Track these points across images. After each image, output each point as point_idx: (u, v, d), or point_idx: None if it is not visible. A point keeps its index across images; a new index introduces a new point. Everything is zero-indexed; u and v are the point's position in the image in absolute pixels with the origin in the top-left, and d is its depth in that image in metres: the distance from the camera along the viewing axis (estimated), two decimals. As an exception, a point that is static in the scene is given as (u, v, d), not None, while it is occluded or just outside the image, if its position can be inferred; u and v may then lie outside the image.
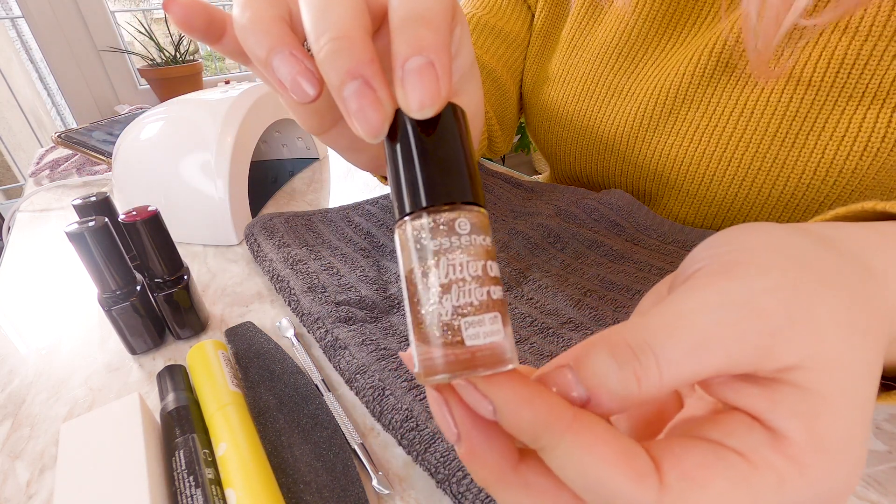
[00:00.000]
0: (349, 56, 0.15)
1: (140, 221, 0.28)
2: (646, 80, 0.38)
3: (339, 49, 0.15)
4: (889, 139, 0.28)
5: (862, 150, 0.29)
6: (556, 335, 0.30)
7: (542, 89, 0.47)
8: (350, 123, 0.15)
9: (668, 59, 0.37)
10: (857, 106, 0.29)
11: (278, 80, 0.16)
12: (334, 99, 0.15)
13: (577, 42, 0.43)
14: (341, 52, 0.15)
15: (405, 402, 0.24)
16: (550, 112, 0.46)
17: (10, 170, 1.10)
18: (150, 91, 1.08)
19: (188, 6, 0.18)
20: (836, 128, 0.30)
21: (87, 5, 0.99)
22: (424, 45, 0.14)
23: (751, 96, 0.33)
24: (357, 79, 0.14)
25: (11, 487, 0.23)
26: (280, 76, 0.16)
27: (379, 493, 0.22)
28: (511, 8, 0.48)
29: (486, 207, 0.14)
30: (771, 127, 0.32)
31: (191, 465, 0.21)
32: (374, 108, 0.14)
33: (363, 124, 0.14)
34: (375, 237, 0.40)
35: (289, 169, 0.61)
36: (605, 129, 0.42)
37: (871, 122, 0.28)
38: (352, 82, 0.14)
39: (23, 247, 0.47)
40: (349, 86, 0.14)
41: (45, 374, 0.30)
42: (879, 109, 0.28)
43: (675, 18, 0.37)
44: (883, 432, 0.24)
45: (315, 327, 0.30)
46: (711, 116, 0.35)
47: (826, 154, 0.30)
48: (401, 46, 0.14)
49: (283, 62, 0.16)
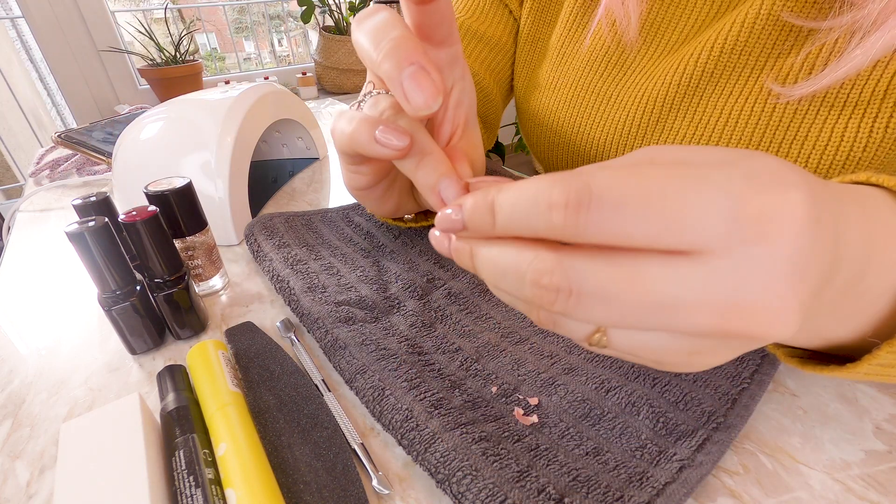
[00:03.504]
0: (405, 51, 0.20)
1: (140, 221, 0.28)
2: (634, 88, 0.39)
3: (396, 46, 0.20)
4: (870, 148, 0.28)
5: (844, 159, 0.29)
6: (556, 335, 0.30)
7: (533, 96, 0.47)
8: (406, 101, 0.20)
9: (656, 68, 0.37)
10: (838, 115, 0.29)
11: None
12: (391, 87, 0.21)
13: (566, 50, 0.43)
14: (398, 48, 0.20)
15: (405, 402, 0.24)
16: (541, 118, 0.47)
17: (10, 170, 1.10)
18: (150, 91, 1.08)
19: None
20: (818, 136, 0.30)
21: (87, 5, 0.99)
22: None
23: (735, 106, 0.33)
24: (413, 64, 0.20)
25: (11, 487, 0.23)
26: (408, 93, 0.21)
27: (379, 493, 0.22)
28: (494, 13, 0.49)
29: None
30: (755, 136, 0.32)
31: (191, 465, 0.21)
32: (429, 83, 0.20)
33: (419, 97, 0.20)
34: (375, 237, 0.40)
35: (289, 169, 0.61)
36: (595, 136, 0.42)
37: (852, 131, 0.29)
38: (409, 67, 0.20)
39: (23, 247, 0.47)
40: (407, 70, 0.20)
41: (45, 374, 0.30)
42: (861, 119, 0.28)
43: (664, 27, 0.37)
44: (883, 432, 0.24)
45: (315, 327, 0.30)
46: (698, 125, 0.35)
47: (810, 162, 0.30)
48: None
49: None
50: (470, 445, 0.22)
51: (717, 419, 0.23)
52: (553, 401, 0.25)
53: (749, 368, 0.26)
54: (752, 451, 0.23)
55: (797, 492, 0.22)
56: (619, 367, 0.27)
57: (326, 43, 1.11)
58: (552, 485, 0.20)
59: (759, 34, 0.31)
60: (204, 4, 1.40)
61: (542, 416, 0.25)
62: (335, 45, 1.10)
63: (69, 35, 1.00)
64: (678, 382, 0.25)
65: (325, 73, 1.15)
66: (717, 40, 0.33)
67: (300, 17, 1.11)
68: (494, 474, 0.20)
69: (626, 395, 0.25)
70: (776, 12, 0.30)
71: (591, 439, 0.23)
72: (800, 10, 0.29)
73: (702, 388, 0.25)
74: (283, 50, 1.90)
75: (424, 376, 0.26)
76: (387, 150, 0.22)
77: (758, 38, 0.31)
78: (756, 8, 0.30)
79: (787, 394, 0.26)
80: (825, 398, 0.26)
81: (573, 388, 0.26)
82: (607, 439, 0.23)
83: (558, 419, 0.24)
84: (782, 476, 0.22)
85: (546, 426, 0.24)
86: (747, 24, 0.31)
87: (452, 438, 0.22)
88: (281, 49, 1.88)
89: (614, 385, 0.25)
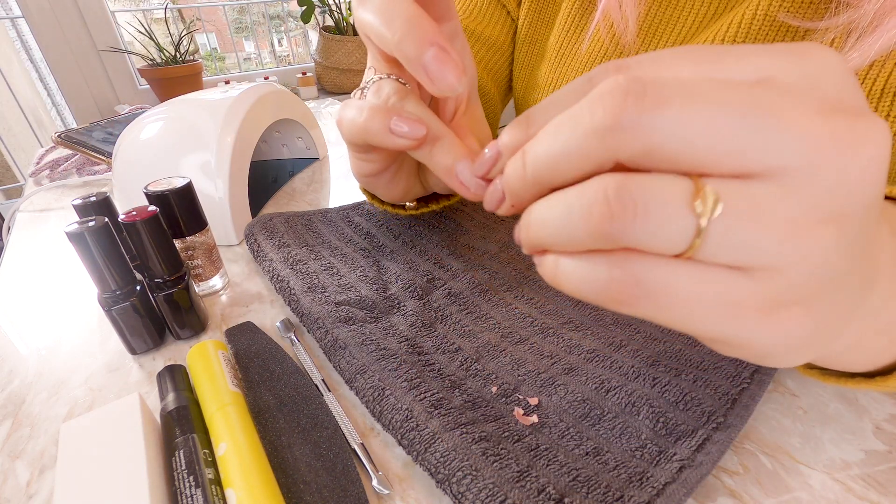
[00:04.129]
0: (422, 31, 0.19)
1: (140, 221, 0.28)
2: None
3: (413, 26, 0.19)
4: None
5: None
6: (556, 335, 0.30)
7: (532, 96, 0.48)
8: (429, 84, 0.19)
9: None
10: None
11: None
12: (412, 70, 0.20)
13: (564, 51, 0.44)
14: (415, 28, 0.19)
15: (405, 402, 0.24)
16: None
17: (10, 170, 1.10)
18: (150, 91, 1.08)
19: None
20: None
21: (87, 5, 0.99)
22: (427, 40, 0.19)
23: None
24: (433, 45, 0.19)
25: (11, 487, 0.23)
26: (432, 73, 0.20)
27: (379, 493, 0.22)
28: (491, 14, 0.49)
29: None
30: None
31: (191, 465, 0.21)
32: (453, 64, 0.19)
33: (444, 80, 0.19)
34: (375, 237, 0.40)
35: (289, 169, 0.61)
36: None
37: None
38: (430, 48, 0.19)
39: (23, 247, 0.47)
40: (428, 52, 0.19)
41: (45, 374, 0.30)
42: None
43: (662, 28, 0.37)
44: (883, 432, 0.24)
45: (315, 327, 0.30)
46: None
47: None
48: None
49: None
50: (470, 445, 0.22)
51: (717, 419, 0.23)
52: (553, 401, 0.25)
53: (749, 368, 0.26)
54: (752, 451, 0.23)
55: (797, 492, 0.22)
56: (619, 367, 0.27)
57: (326, 43, 1.11)
58: (552, 485, 0.20)
59: (755, 35, 0.31)
60: (204, 4, 1.40)
61: (542, 416, 0.25)
62: (335, 45, 1.10)
63: (69, 35, 1.00)
64: (678, 382, 0.25)
65: (325, 73, 1.15)
66: (714, 41, 0.33)
67: (300, 17, 1.11)
68: (494, 474, 0.20)
69: (626, 395, 0.25)
70: (773, 13, 0.30)
71: (591, 439, 0.23)
72: (796, 11, 0.29)
73: (702, 388, 0.25)
74: (283, 50, 1.90)
75: (424, 376, 0.26)
76: (403, 141, 0.22)
77: (755, 39, 0.31)
78: (753, 9, 0.31)
79: (787, 394, 0.26)
80: (825, 398, 0.26)
81: (573, 388, 0.26)
82: (607, 439, 0.23)
83: (558, 419, 0.24)
84: (782, 476, 0.22)
85: (546, 426, 0.24)
86: (744, 24, 0.31)
87: (452, 438, 0.22)
88: (281, 49, 1.88)
89: (614, 385, 0.25)
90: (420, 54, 0.19)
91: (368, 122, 0.23)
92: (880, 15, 0.25)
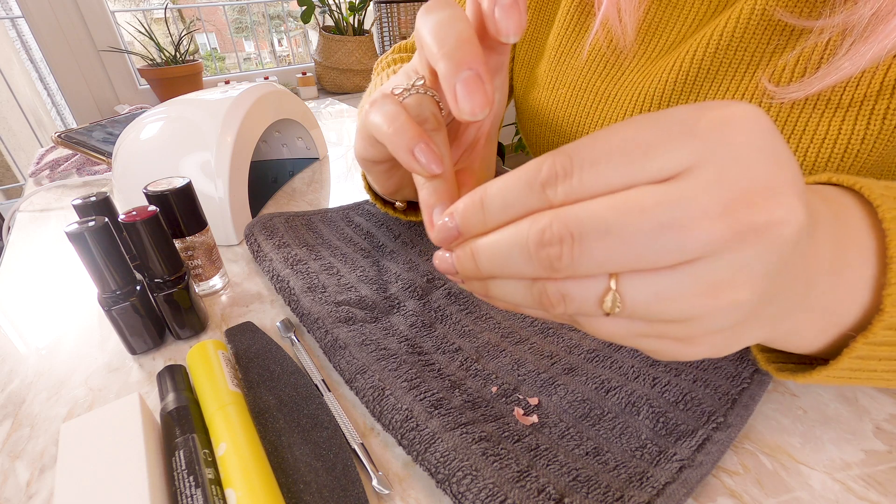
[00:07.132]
0: (467, 53, 0.20)
1: (140, 221, 0.28)
2: (632, 86, 0.39)
3: (458, 47, 0.20)
4: (867, 141, 0.29)
5: (842, 154, 0.30)
6: (556, 335, 0.30)
7: (531, 94, 0.48)
8: (454, 103, 0.20)
9: (653, 66, 0.38)
10: (833, 112, 0.30)
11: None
12: (444, 85, 0.20)
13: (564, 49, 0.44)
14: (459, 49, 0.20)
15: (405, 402, 0.24)
16: (540, 117, 0.47)
17: (10, 170, 1.10)
18: (150, 91, 1.08)
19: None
20: (815, 132, 0.30)
21: (87, 5, 0.99)
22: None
23: None
24: (471, 69, 0.20)
25: (11, 487, 0.23)
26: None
27: (379, 493, 0.22)
28: None
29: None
30: None
31: (191, 465, 0.21)
32: (482, 93, 0.19)
33: (468, 104, 0.20)
34: (375, 237, 0.40)
35: (289, 169, 0.61)
36: None
37: (849, 127, 0.29)
38: (466, 71, 0.20)
39: (23, 247, 0.47)
40: (464, 73, 0.20)
41: (45, 374, 0.30)
42: (857, 115, 0.29)
43: (661, 28, 0.37)
44: (883, 432, 0.24)
45: (315, 327, 0.30)
46: None
47: (808, 158, 0.31)
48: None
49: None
50: (470, 445, 0.22)
51: (717, 419, 0.23)
52: (553, 401, 0.25)
53: (749, 368, 0.26)
54: (752, 451, 0.23)
55: (797, 492, 0.22)
56: (619, 367, 0.27)
57: (326, 43, 1.11)
58: (552, 485, 0.20)
59: (753, 31, 0.31)
60: (204, 4, 1.40)
61: (542, 416, 0.25)
62: (335, 45, 1.10)
63: (69, 35, 1.00)
64: (678, 382, 0.25)
65: (325, 73, 1.15)
66: (712, 37, 0.33)
67: (300, 17, 1.11)
68: (494, 474, 0.20)
69: (626, 395, 0.25)
70: (770, 10, 0.30)
71: (591, 439, 0.23)
72: (793, 8, 0.29)
73: (702, 388, 0.25)
74: (283, 50, 1.90)
75: (424, 376, 0.26)
76: (416, 166, 0.22)
77: (752, 35, 0.31)
78: (751, 5, 0.31)
79: (787, 394, 0.26)
80: (825, 398, 0.26)
81: (573, 388, 0.26)
82: (607, 439, 0.23)
83: (558, 419, 0.24)
84: (782, 476, 0.22)
85: (546, 426, 0.24)
86: (742, 20, 0.31)
87: (452, 438, 0.22)
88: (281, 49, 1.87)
89: (614, 385, 0.25)
90: (455, 73, 0.20)
91: (395, 137, 0.23)
92: (876, 19, 0.25)
